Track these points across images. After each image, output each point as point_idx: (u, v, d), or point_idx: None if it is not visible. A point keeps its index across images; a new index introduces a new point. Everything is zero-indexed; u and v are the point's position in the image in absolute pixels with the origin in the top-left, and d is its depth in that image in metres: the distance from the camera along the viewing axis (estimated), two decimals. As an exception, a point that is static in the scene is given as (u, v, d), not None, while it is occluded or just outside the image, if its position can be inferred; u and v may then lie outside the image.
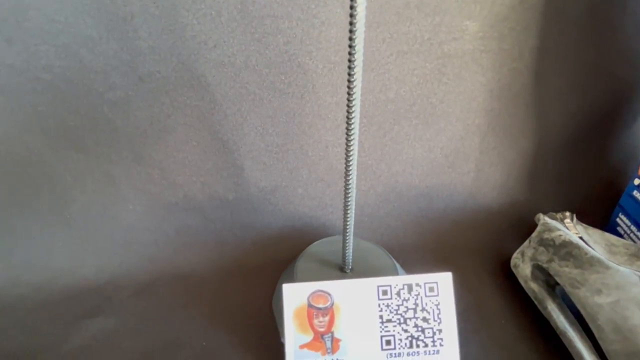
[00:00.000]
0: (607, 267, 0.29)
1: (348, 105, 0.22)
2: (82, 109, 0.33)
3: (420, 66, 0.36)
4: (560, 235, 0.33)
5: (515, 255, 0.37)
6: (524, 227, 0.41)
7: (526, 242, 0.37)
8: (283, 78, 0.35)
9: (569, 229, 0.37)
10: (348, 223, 0.28)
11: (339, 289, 0.28)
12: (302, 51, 0.34)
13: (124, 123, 0.34)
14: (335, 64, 0.35)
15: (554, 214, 0.39)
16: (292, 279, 0.32)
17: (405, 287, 0.28)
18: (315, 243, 0.35)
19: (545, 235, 0.35)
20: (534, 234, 0.37)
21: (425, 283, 0.28)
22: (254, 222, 0.40)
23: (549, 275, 0.33)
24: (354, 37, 0.20)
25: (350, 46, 0.20)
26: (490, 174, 0.42)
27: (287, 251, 0.38)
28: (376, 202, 0.41)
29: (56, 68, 0.31)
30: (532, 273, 0.34)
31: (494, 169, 0.42)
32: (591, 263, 0.30)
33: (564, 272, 0.31)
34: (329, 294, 0.28)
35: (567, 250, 0.32)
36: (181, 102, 0.34)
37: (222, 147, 0.37)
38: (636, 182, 0.37)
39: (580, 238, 0.35)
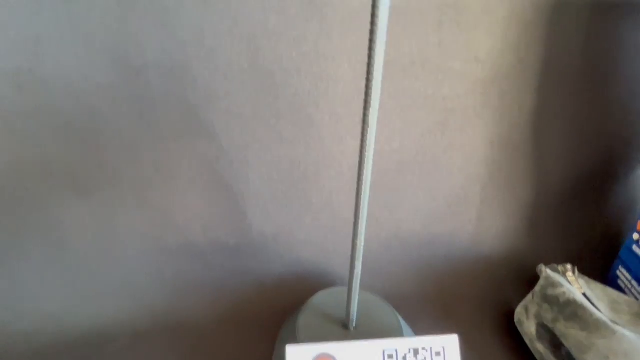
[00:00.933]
0: (614, 332, 0.29)
1: (360, 163, 0.23)
2: (88, 155, 0.33)
3: (424, 119, 0.37)
4: (564, 293, 0.33)
5: (518, 309, 0.37)
6: (525, 277, 0.41)
7: (529, 296, 0.37)
8: (290, 128, 0.35)
9: (571, 283, 0.37)
10: (354, 282, 0.28)
11: (344, 352, 0.27)
12: (309, 103, 0.34)
13: (129, 169, 0.34)
14: (342, 115, 0.35)
15: (556, 266, 0.39)
16: (293, 335, 0.31)
17: (412, 351, 0.27)
18: (317, 295, 0.34)
19: (549, 292, 0.35)
20: (537, 288, 0.37)
21: (431, 347, 0.27)
22: (254, 268, 0.39)
23: (554, 335, 0.33)
24: (369, 96, 0.20)
25: (365, 101, 0.20)
26: (491, 222, 0.42)
27: (287, 299, 0.38)
28: (379, 249, 0.41)
29: (65, 114, 0.32)
30: (538, 332, 0.34)
31: (495, 218, 0.42)
32: (597, 326, 0.30)
33: (570, 334, 0.31)
34: (334, 357, 0.27)
35: (572, 310, 0.32)
36: (188, 148, 0.35)
37: (226, 193, 0.37)
38: (635, 237, 0.38)
39: (584, 294, 0.35)
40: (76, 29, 0.29)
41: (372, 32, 0.19)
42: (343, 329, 0.31)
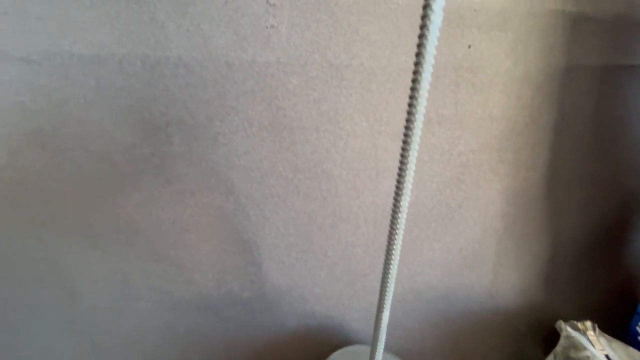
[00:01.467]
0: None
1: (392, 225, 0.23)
2: (105, 208, 0.33)
3: (440, 174, 0.37)
4: (588, 357, 0.32)
5: (540, 371, 0.36)
6: (542, 331, 0.41)
7: (551, 357, 0.36)
8: (307, 183, 0.35)
9: (593, 342, 0.36)
10: (377, 349, 0.27)
11: None
12: (327, 159, 0.35)
13: (146, 223, 0.34)
14: (359, 170, 0.36)
15: (576, 323, 0.39)
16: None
17: None
18: (334, 355, 0.33)
19: (572, 354, 0.34)
20: (558, 348, 0.36)
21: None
22: (267, 321, 0.39)
23: (581, 403, 0.32)
24: (407, 150, 0.21)
25: (402, 155, 0.21)
26: (507, 276, 0.42)
27: (302, 354, 0.37)
28: (394, 303, 0.40)
29: (86, 171, 0.32)
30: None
31: (511, 272, 0.42)
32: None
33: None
34: None
35: (598, 377, 0.31)
36: (205, 203, 0.35)
37: (241, 246, 0.36)
38: (655, 293, 0.37)
39: (606, 356, 0.34)
40: (102, 91, 0.30)
41: (413, 91, 0.19)
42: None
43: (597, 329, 0.38)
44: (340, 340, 0.39)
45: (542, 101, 0.36)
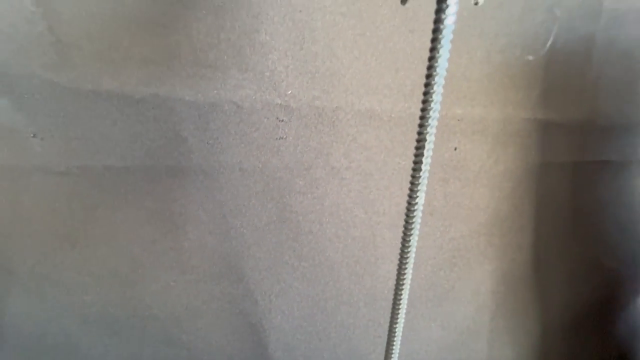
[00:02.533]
0: None
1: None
2: (124, 299, 0.36)
3: (433, 257, 0.40)
4: None
5: None
6: (540, 407, 0.42)
7: None
8: (311, 270, 0.38)
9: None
10: None
11: None
12: (330, 248, 0.38)
13: (160, 310, 0.36)
14: (359, 257, 0.39)
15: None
16: None
17: None
18: None
19: None
20: None
21: None
22: (272, 402, 0.40)
23: None
24: (408, 242, 0.24)
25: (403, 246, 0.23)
26: (502, 351, 0.43)
27: None
28: (394, 380, 0.42)
29: (110, 265, 0.35)
30: None
31: (505, 347, 0.43)
32: None
33: None
34: None
35: None
36: (217, 290, 0.37)
37: (249, 329, 0.38)
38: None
39: None
40: (129, 196, 0.34)
41: (412, 191, 0.22)
42: None
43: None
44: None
45: (522, 193, 0.40)
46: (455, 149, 0.38)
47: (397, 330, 0.30)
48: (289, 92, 0.34)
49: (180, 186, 0.34)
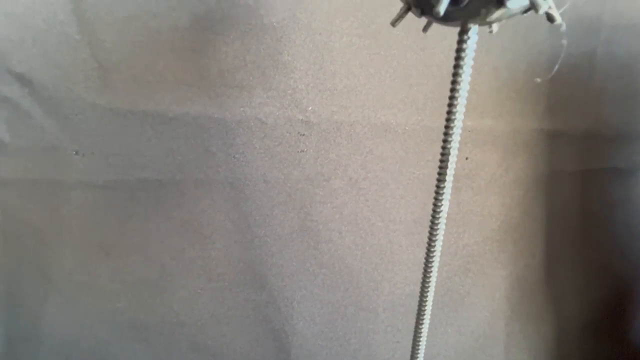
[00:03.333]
0: None
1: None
2: (154, 306, 0.37)
3: (448, 264, 0.41)
4: None
5: None
6: (558, 412, 0.42)
7: None
8: (331, 276, 0.40)
9: None
10: None
11: None
12: (349, 255, 0.39)
13: (187, 316, 0.38)
14: (377, 264, 0.40)
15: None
16: None
17: None
18: None
19: None
20: None
21: None
22: (295, 407, 0.41)
23: None
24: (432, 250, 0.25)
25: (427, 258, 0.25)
26: (518, 356, 0.44)
27: None
28: (413, 385, 0.42)
29: (141, 273, 0.37)
30: None
31: (522, 352, 0.44)
32: None
33: None
34: None
35: None
36: (241, 297, 0.39)
37: (272, 335, 0.40)
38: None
39: None
40: (160, 207, 0.36)
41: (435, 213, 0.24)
42: None
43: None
44: None
45: (533, 200, 0.41)
46: (467, 158, 0.39)
47: (422, 336, 0.31)
48: (310, 108, 0.36)
49: (208, 198, 0.36)
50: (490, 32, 0.20)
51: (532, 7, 0.15)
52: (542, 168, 0.41)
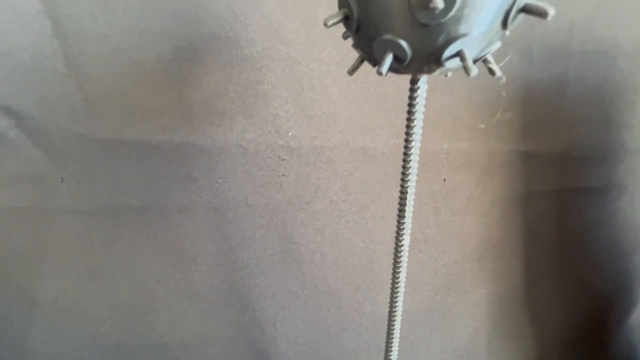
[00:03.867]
0: None
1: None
2: (138, 329, 0.38)
3: (430, 282, 0.42)
4: None
5: None
6: None
7: None
8: (314, 297, 0.40)
9: None
10: None
11: None
12: (330, 276, 0.40)
13: (171, 338, 0.39)
14: (358, 284, 0.41)
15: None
16: None
17: None
18: None
19: None
20: None
21: None
22: None
23: None
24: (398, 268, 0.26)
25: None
26: (501, 374, 0.45)
27: None
28: (396, 404, 0.43)
29: (125, 296, 0.37)
30: None
31: (504, 369, 0.45)
32: None
33: None
34: None
35: None
36: (225, 319, 0.39)
37: (256, 356, 0.40)
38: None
39: None
40: (144, 232, 0.37)
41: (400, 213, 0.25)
42: None
43: None
44: None
45: (511, 219, 0.42)
46: (445, 180, 0.40)
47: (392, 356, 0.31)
48: (290, 134, 0.37)
49: (191, 222, 0.37)
50: (446, 76, 0.21)
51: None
52: (518, 188, 0.42)
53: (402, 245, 0.27)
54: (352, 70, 0.19)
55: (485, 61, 0.18)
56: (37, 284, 0.36)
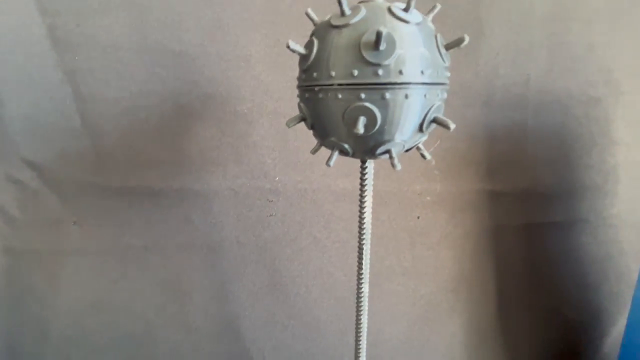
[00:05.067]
0: None
1: None
2: (138, 358, 0.41)
3: (408, 313, 0.45)
4: None
5: None
6: None
7: None
8: (300, 327, 0.43)
9: None
10: None
11: None
12: (316, 307, 0.43)
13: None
14: (342, 314, 0.44)
15: None
16: None
17: None
18: None
19: None
20: None
21: None
22: None
23: None
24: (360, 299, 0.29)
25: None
26: (479, 401, 0.46)
27: None
28: None
29: (126, 329, 0.41)
30: None
31: (483, 397, 0.47)
32: None
33: None
34: None
35: None
36: (218, 349, 0.42)
37: (246, 384, 0.43)
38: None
39: None
40: (145, 272, 0.41)
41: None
42: None
43: None
44: None
45: (482, 252, 0.45)
46: (418, 217, 0.44)
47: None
48: (277, 178, 0.41)
49: (187, 259, 0.41)
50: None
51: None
52: (488, 223, 0.45)
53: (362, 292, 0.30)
54: (314, 151, 0.24)
55: (418, 149, 0.22)
56: (49, 317, 0.40)
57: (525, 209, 0.46)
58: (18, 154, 0.37)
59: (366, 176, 0.24)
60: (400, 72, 0.18)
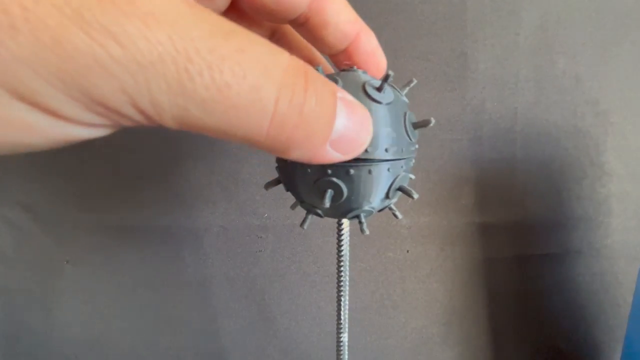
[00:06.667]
0: None
1: None
2: (130, 394, 0.42)
3: (399, 346, 0.45)
4: None
5: None
6: None
7: None
8: (290, 362, 0.44)
9: None
10: None
11: None
12: (305, 342, 0.43)
13: (160, 403, 0.42)
14: (331, 348, 0.44)
15: None
16: None
17: None
18: None
19: None
20: None
21: None
22: None
23: None
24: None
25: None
26: None
27: None
28: None
29: (119, 364, 0.41)
30: None
31: None
32: None
33: None
34: None
35: None
36: (209, 383, 0.43)
37: (237, 420, 0.43)
38: None
39: None
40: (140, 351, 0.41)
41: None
42: None
43: None
44: None
45: (474, 285, 0.45)
46: (408, 251, 0.44)
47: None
48: (266, 215, 0.42)
49: (178, 294, 0.41)
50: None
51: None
52: (478, 255, 0.45)
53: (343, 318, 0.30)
54: (294, 206, 0.24)
55: (390, 209, 0.22)
56: (43, 355, 0.40)
57: (516, 241, 0.46)
58: (13, 196, 0.38)
59: (342, 233, 0.24)
60: (366, 151, 0.18)
